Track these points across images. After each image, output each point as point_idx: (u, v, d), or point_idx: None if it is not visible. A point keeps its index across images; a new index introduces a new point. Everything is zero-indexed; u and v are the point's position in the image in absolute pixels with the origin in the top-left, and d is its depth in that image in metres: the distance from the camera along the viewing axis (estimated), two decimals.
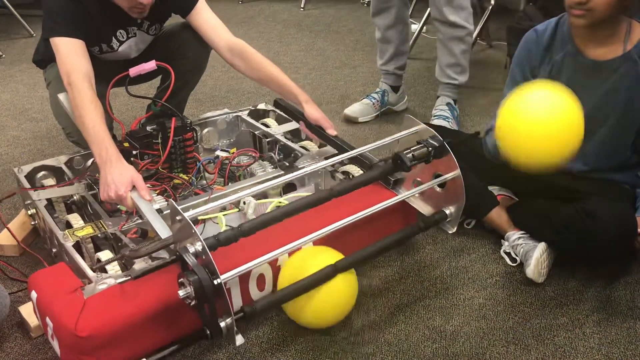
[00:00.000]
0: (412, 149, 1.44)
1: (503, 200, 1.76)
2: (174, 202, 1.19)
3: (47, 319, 1.20)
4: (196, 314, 1.16)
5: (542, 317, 1.47)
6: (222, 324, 1.13)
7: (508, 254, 1.66)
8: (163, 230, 1.31)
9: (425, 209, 1.56)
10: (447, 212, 1.51)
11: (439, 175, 1.48)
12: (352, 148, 1.63)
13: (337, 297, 1.34)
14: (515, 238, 1.64)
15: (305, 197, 1.33)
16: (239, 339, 1.14)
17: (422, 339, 1.40)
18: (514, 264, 1.64)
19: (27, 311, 1.40)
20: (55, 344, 1.21)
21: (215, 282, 1.10)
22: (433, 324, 1.45)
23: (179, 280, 1.13)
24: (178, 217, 1.17)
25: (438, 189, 1.52)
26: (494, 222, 1.72)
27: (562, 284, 1.58)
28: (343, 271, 1.33)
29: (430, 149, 1.44)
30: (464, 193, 1.45)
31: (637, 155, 1.64)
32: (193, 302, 1.12)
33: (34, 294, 1.25)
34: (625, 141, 1.61)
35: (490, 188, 1.78)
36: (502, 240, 1.69)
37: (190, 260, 1.12)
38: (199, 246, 1.13)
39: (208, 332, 1.16)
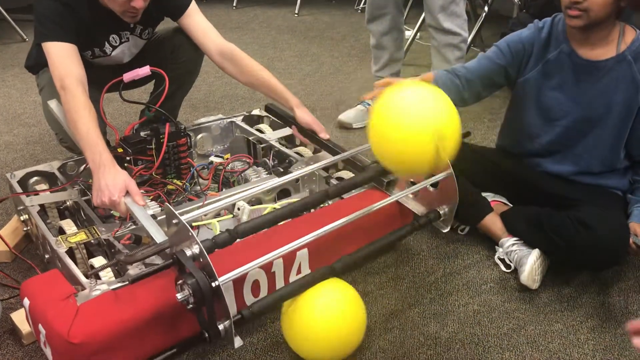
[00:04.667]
0: None
1: (497, 206, 1.76)
2: (169, 206, 1.19)
3: (40, 326, 1.18)
4: (192, 317, 1.15)
5: (537, 324, 1.47)
6: (221, 327, 1.13)
7: (502, 260, 1.66)
8: (158, 235, 1.30)
9: (419, 209, 1.57)
10: (441, 211, 1.51)
11: (431, 175, 1.49)
12: (345, 151, 1.64)
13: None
14: (509, 244, 1.64)
15: (300, 200, 1.33)
16: (237, 341, 1.14)
17: (417, 346, 1.40)
18: (508, 270, 1.64)
19: (19, 318, 1.39)
20: (47, 351, 1.19)
21: (213, 284, 1.09)
22: (428, 330, 1.45)
23: (177, 284, 1.13)
24: (174, 221, 1.16)
25: (431, 189, 1.52)
26: (488, 229, 1.72)
27: (557, 290, 1.58)
28: (341, 273, 1.32)
29: None
30: (457, 192, 1.46)
31: (628, 159, 1.65)
32: (191, 305, 1.11)
33: (26, 301, 1.24)
34: (618, 143, 1.62)
35: (483, 194, 1.79)
36: (497, 247, 1.69)
37: (188, 263, 1.11)
38: (196, 249, 1.12)
39: (206, 335, 1.15)
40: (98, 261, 1.34)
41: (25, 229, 1.67)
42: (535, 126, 1.71)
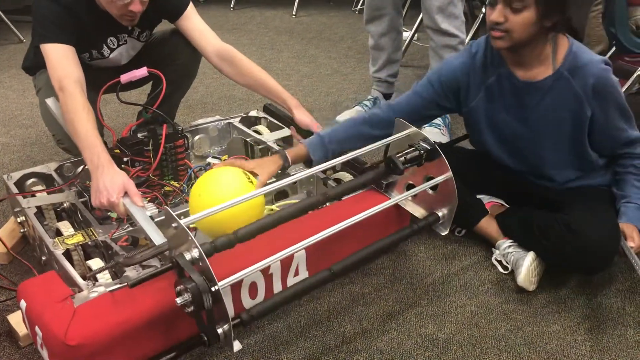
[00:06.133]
0: (404, 152, 1.45)
1: (493, 207, 1.76)
2: (169, 209, 1.18)
3: (37, 328, 1.18)
4: (189, 319, 1.15)
5: (534, 325, 1.47)
6: (220, 330, 1.12)
7: (499, 262, 1.66)
8: (157, 237, 1.30)
9: (418, 211, 1.56)
10: (440, 214, 1.51)
11: (430, 178, 1.49)
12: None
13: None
14: (505, 246, 1.64)
15: (299, 202, 1.33)
16: (237, 345, 1.14)
17: (414, 347, 1.40)
18: (505, 272, 1.64)
19: (15, 320, 1.38)
20: (44, 354, 1.19)
21: (212, 288, 1.09)
22: (425, 331, 1.45)
23: (176, 288, 1.12)
24: (174, 224, 1.16)
25: (430, 192, 1.52)
26: (484, 231, 1.72)
27: (554, 291, 1.58)
28: (340, 275, 1.32)
29: (422, 151, 1.45)
30: (456, 194, 1.45)
31: (603, 158, 1.63)
32: (190, 309, 1.11)
33: (23, 303, 1.24)
34: (582, 150, 1.58)
35: (480, 196, 1.79)
36: (493, 249, 1.69)
37: (187, 267, 1.11)
38: (195, 253, 1.12)
39: (205, 338, 1.15)
40: (95, 263, 1.34)
41: (22, 230, 1.66)
42: (495, 149, 1.69)
